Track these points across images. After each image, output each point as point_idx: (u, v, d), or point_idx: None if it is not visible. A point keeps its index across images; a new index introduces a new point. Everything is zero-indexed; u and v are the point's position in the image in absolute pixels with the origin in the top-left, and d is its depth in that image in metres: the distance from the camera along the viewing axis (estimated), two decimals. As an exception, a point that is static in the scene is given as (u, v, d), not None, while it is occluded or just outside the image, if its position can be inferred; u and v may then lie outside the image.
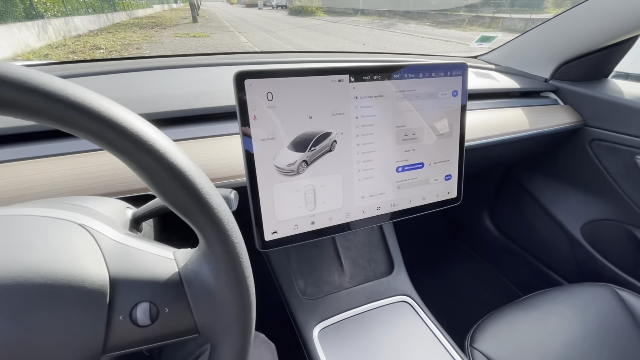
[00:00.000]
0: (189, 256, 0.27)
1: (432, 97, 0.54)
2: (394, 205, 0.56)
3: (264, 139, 0.44)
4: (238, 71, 0.41)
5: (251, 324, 0.28)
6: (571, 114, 0.91)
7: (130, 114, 0.22)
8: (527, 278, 1.09)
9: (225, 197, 0.34)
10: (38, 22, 7.93)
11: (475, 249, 1.30)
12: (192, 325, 0.26)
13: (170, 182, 0.22)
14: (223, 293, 0.26)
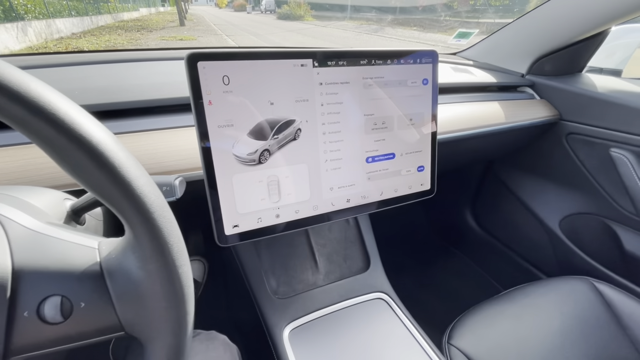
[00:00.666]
0: (114, 245, 0.25)
1: (401, 85, 0.52)
2: (365, 197, 0.54)
3: (220, 126, 0.41)
4: (190, 52, 0.38)
5: (186, 319, 0.25)
6: (547, 108, 0.92)
7: (33, 80, 0.19)
8: (507, 273, 1.09)
9: (168, 184, 0.31)
10: (18, 24, 7.72)
11: (456, 244, 1.29)
12: (114, 321, 0.24)
13: (78, 156, 0.20)
14: (150, 285, 0.23)
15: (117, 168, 0.21)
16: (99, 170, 0.20)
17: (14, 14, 7.76)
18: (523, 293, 0.72)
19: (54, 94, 0.20)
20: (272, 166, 0.46)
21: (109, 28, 13.12)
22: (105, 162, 0.20)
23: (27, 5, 8.52)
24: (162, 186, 0.32)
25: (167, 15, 25.14)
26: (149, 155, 0.49)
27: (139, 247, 0.23)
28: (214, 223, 0.44)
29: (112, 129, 0.52)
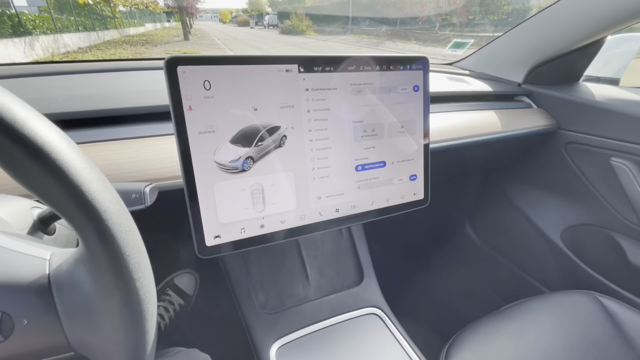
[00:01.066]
0: (67, 256, 0.23)
1: (391, 92, 0.51)
2: (355, 207, 0.52)
3: (201, 132, 0.40)
4: (169, 57, 0.37)
5: (144, 339, 0.23)
6: (544, 117, 0.90)
7: None
8: (508, 286, 1.05)
9: (137, 191, 0.30)
10: (25, 39, 7.91)
11: (454, 257, 1.25)
12: (62, 341, 0.21)
13: (20, 156, 0.18)
14: (102, 300, 0.21)
15: (65, 170, 0.19)
16: (44, 172, 0.19)
17: (22, 29, 7.95)
18: (525, 308, 0.69)
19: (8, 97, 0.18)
20: (256, 174, 0.44)
21: (114, 43, 13.41)
22: (50, 163, 0.19)
23: (36, 21, 8.75)
24: (130, 193, 0.30)
25: (172, 30, 25.74)
26: (132, 163, 0.48)
27: (91, 258, 0.21)
28: (194, 233, 0.42)
29: (96, 136, 0.51)
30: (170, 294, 0.94)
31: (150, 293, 0.23)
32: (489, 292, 1.10)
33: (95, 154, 0.48)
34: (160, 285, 0.97)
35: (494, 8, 25.35)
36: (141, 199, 0.30)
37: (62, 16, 10.82)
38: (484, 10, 25.20)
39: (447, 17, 27.99)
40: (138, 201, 0.30)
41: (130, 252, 0.22)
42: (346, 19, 31.94)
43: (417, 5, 30.56)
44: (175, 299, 0.93)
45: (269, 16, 38.04)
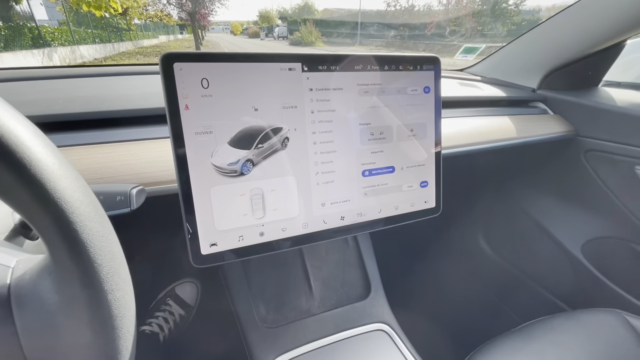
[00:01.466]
0: (32, 263, 0.20)
1: (400, 93, 0.48)
2: (361, 214, 0.48)
3: (198, 133, 0.38)
4: (166, 53, 0.35)
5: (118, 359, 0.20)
6: (562, 124, 0.86)
7: None
8: (525, 303, 0.99)
9: (122, 194, 0.27)
10: (44, 50, 8.19)
11: (466, 269, 1.20)
12: (19, 358, 0.19)
13: None
14: (67, 314, 0.18)
15: (26, 163, 0.17)
16: (2, 165, 0.16)
17: (41, 41, 8.25)
18: (545, 327, 0.64)
19: None
20: (255, 178, 0.41)
21: (129, 54, 13.82)
22: (9, 153, 0.16)
23: (54, 33, 9.07)
24: (114, 195, 0.28)
25: (184, 42, 26.43)
26: (128, 166, 0.46)
27: (56, 267, 0.18)
28: (188, 241, 0.39)
29: (93, 138, 0.50)
30: (171, 304, 0.91)
31: (126, 308, 0.20)
32: (504, 308, 1.04)
33: (91, 156, 0.46)
34: (161, 294, 0.94)
35: (503, 18, 25.37)
36: (126, 201, 0.27)
37: (80, 29, 11.21)
38: (493, 20, 25.24)
39: (456, 27, 28.11)
40: (123, 204, 0.28)
41: (102, 260, 0.19)
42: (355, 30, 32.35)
43: (426, 16, 30.80)
44: (176, 309, 0.90)
45: (279, 28, 38.79)
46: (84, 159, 0.45)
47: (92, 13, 10.29)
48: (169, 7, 25.48)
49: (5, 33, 7.27)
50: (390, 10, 35.33)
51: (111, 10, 10.30)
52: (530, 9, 29.88)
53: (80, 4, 9.44)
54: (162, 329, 0.85)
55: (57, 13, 13.34)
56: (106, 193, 0.26)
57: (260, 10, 46.65)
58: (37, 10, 15.80)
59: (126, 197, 0.28)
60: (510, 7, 25.88)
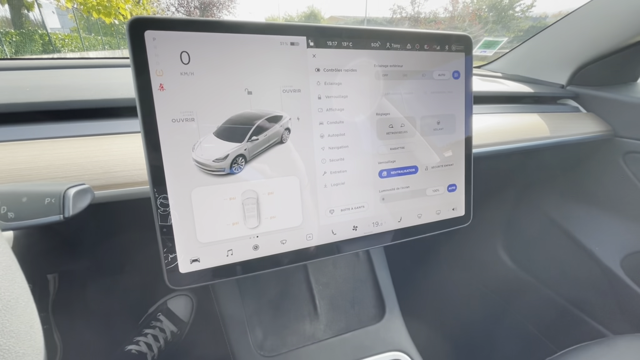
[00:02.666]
0: None
1: (425, 78, 0.40)
2: (378, 224, 0.40)
3: (176, 120, 0.30)
4: (134, 17, 0.28)
5: None
6: (597, 123, 0.77)
7: None
8: (558, 326, 0.88)
9: (53, 195, 0.19)
10: (54, 56, 8.30)
11: (487, 284, 1.09)
12: None
13: None
14: None
15: None
16: None
17: (51, 47, 8.38)
18: (586, 356, 0.54)
19: None
20: (248, 178, 0.33)
21: (137, 60, 13.97)
22: None
23: (65, 40, 9.22)
24: (42, 197, 0.20)
25: (192, 49, 26.67)
26: (98, 163, 0.38)
27: None
28: (162, 255, 0.31)
29: (61, 131, 0.42)
30: (162, 319, 0.83)
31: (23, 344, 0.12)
32: (533, 331, 0.93)
33: (56, 150, 0.38)
34: (152, 309, 0.86)
35: (510, 25, 25.32)
36: (57, 206, 0.20)
37: (90, 35, 11.40)
38: (501, 27, 25.18)
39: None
40: (51, 209, 0.20)
41: None
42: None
43: (432, 23, 30.88)
44: (167, 325, 0.82)
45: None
46: (46, 154, 0.38)
47: (101, 20, 10.46)
48: (178, 15, 25.92)
49: (16, 39, 7.40)
50: (395, 18, 35.49)
51: (120, 18, 10.45)
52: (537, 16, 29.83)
53: (91, 12, 9.60)
54: (151, 348, 0.77)
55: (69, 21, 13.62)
56: (31, 194, 0.19)
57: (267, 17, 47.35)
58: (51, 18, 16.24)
59: (58, 199, 0.20)
60: (517, 14, 25.82)
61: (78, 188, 0.22)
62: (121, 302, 0.84)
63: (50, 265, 0.64)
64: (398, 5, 35.71)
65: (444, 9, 34.85)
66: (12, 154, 0.36)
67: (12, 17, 8.73)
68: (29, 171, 0.35)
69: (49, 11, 15.68)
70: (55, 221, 0.20)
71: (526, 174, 0.92)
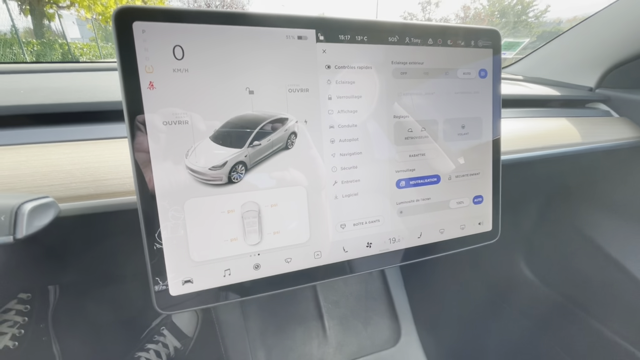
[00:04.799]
0: None
1: (448, 76, 0.36)
2: (395, 240, 0.36)
3: (167, 122, 0.27)
4: (120, 7, 0.25)
5: None
6: (631, 127, 0.71)
7: None
8: (591, 349, 0.80)
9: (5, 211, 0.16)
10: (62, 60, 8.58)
11: (509, 303, 1.01)
12: None
13: None
14: None
15: None
16: None
17: (70, 56, 8.66)
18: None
19: None
20: (249, 188, 0.29)
21: (152, 68, 14.32)
22: None
23: (83, 49, 9.53)
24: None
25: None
26: (88, 170, 0.35)
27: None
28: (151, 277, 0.28)
29: (54, 135, 0.39)
30: (166, 334, 0.79)
31: None
32: (563, 356, 0.84)
33: (44, 156, 0.36)
34: (155, 322, 0.83)
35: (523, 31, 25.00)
36: (7, 224, 0.16)
37: (107, 44, 11.75)
38: (513, 33, 24.89)
39: (474, 41, 27.86)
40: (1, 229, 0.16)
41: None
42: (371, 44, 32.66)
43: (443, 30, 30.70)
44: (171, 340, 0.79)
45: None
46: (33, 160, 0.35)
47: (118, 30, 10.76)
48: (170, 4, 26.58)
49: (37, 49, 7.68)
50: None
51: (136, 27, 10.71)
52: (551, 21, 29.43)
53: (108, 21, 9.90)
54: (152, 363, 0.73)
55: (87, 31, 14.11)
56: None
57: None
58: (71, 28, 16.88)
59: (9, 217, 0.16)
60: (530, 20, 25.49)
61: (36, 203, 0.18)
62: (123, 314, 0.81)
63: (49, 276, 0.61)
64: (409, 12, 35.78)
65: (455, 15, 34.74)
66: (-4, 159, 0.34)
67: (34, 27, 9.08)
68: (12, 179, 0.32)
69: (70, 22, 16.30)
70: (4, 242, 0.17)
71: (552, 183, 0.86)
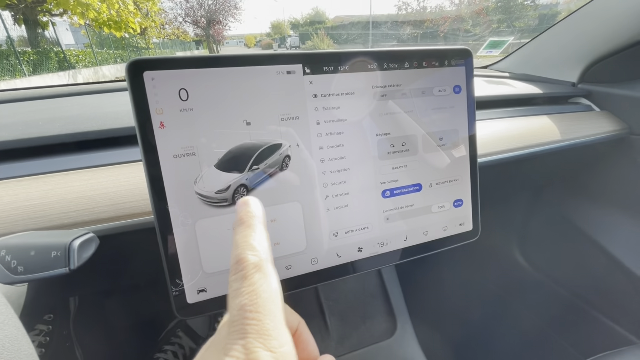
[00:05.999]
0: None
1: (425, 95, 0.39)
2: (383, 244, 0.40)
3: (177, 155, 0.31)
4: (132, 59, 0.29)
5: None
6: (612, 121, 0.74)
7: None
8: (582, 332, 0.85)
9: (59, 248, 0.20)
10: (69, 72, 8.60)
11: (506, 292, 1.05)
12: None
13: None
14: None
15: None
16: None
17: (66, 63, 8.68)
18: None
19: None
20: (251, 207, 0.34)
21: (148, 71, 14.29)
22: None
23: (79, 56, 9.53)
24: (49, 251, 0.21)
25: (200, 57, 27.15)
26: (107, 195, 0.39)
27: None
28: (170, 288, 0.32)
29: (75, 163, 0.44)
30: (181, 335, 0.84)
31: None
32: (555, 338, 0.89)
33: (68, 184, 0.40)
34: (172, 324, 0.88)
35: (518, 15, 24.70)
36: (63, 258, 0.20)
37: (102, 50, 11.75)
38: (508, 17, 24.61)
39: (470, 28, 27.61)
40: (58, 262, 0.20)
41: None
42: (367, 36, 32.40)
43: (438, 19, 30.44)
44: (186, 342, 0.84)
45: (291, 38, 39.37)
46: (58, 188, 0.39)
47: (112, 35, 10.77)
48: (185, 25, 26.46)
49: (33, 58, 7.70)
50: (401, 14, 35.18)
51: (130, 31, 10.73)
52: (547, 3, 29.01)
53: (102, 27, 9.90)
54: (170, 363, 0.79)
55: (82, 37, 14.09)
56: (39, 247, 0.19)
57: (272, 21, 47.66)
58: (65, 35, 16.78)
59: (64, 252, 0.21)
60: (526, 3, 25.19)
61: (82, 239, 0.22)
62: (141, 318, 0.86)
63: (72, 290, 0.66)
64: (403, 1, 35.41)
65: (450, 2, 34.33)
66: (25, 190, 0.38)
67: (28, 36, 9.09)
68: (42, 207, 0.37)
69: (63, 28, 16.22)
70: (61, 274, 0.21)
71: (540, 176, 0.90)
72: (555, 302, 0.90)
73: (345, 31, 34.79)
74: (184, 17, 26.87)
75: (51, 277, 0.20)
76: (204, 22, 26.75)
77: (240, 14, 28.16)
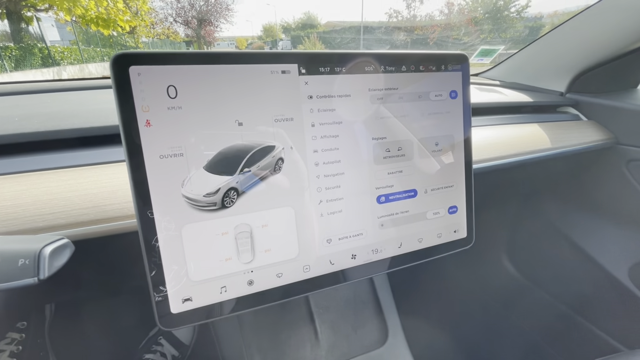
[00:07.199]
0: None
1: (421, 99, 0.39)
2: (377, 251, 0.39)
3: (164, 156, 0.29)
4: (118, 53, 0.27)
5: None
6: (598, 131, 0.76)
7: None
8: (567, 338, 0.85)
9: (27, 256, 0.18)
10: (53, 69, 8.37)
11: (496, 299, 1.05)
12: None
13: None
14: None
15: None
16: None
17: (50, 60, 8.44)
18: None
19: None
20: (241, 211, 0.32)
21: (136, 71, 14.06)
22: None
23: (64, 53, 9.29)
24: (15, 259, 0.19)
25: (190, 58, 26.85)
26: (87, 196, 0.37)
27: None
28: (153, 296, 0.30)
29: (52, 162, 0.41)
30: (163, 343, 0.81)
31: None
32: (543, 345, 0.89)
33: (43, 184, 0.37)
34: (153, 331, 0.84)
35: (506, 26, 25.45)
36: (32, 267, 0.18)
37: (89, 47, 11.49)
38: (496, 28, 25.32)
39: (458, 37, 28.26)
40: (26, 271, 0.19)
41: None
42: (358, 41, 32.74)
43: (428, 27, 31.07)
44: (169, 349, 0.80)
45: (282, 42, 39.50)
46: (33, 189, 0.37)
47: (100, 32, 10.55)
48: (176, 25, 26.20)
49: (16, 53, 7.46)
50: (392, 21, 35.74)
51: (119, 29, 10.54)
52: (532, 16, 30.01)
53: (89, 24, 9.69)
54: (151, 372, 0.75)
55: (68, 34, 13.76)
56: (4, 254, 0.17)
57: (264, 25, 47.68)
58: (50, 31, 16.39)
59: (33, 260, 0.19)
60: (512, 15, 25.99)
61: (55, 245, 0.21)
62: (121, 325, 0.83)
63: (47, 296, 0.62)
64: (394, 9, 36.02)
65: (439, 12, 35.13)
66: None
67: (11, 31, 8.81)
68: (14, 208, 0.34)
69: (49, 24, 15.83)
70: (29, 284, 0.19)
71: (528, 183, 0.91)
72: (543, 310, 0.91)
73: (338, 35, 35.10)
74: (175, 17, 26.61)
75: (17, 288, 0.18)
76: (195, 22, 26.54)
77: (232, 16, 28.06)
